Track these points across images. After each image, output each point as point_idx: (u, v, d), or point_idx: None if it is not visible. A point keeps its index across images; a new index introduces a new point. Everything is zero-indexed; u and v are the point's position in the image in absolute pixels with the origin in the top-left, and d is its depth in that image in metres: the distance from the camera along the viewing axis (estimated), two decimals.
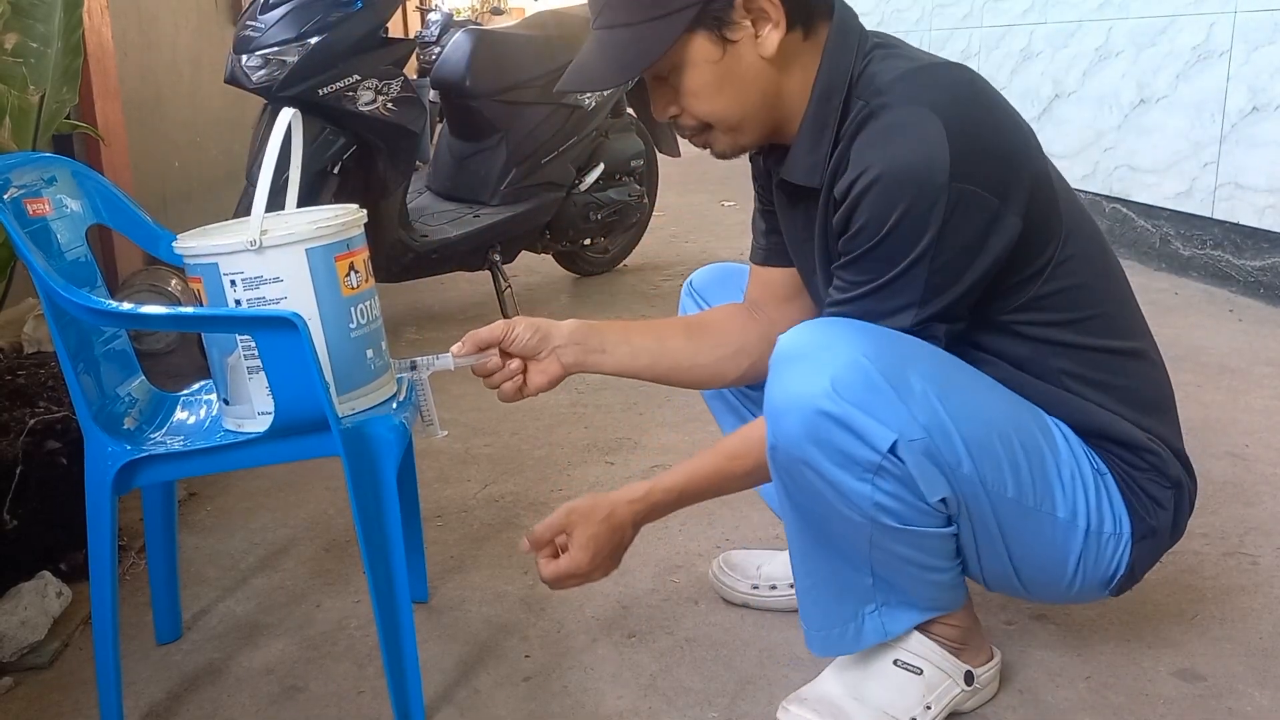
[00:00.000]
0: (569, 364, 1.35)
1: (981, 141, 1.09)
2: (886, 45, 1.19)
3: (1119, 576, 1.23)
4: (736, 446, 1.27)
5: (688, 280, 1.57)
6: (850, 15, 1.21)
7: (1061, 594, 1.26)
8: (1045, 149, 1.20)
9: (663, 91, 1.20)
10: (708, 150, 1.26)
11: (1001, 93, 1.18)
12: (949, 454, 1.10)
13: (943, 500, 1.13)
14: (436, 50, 6.24)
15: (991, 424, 1.15)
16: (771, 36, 1.14)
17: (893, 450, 1.08)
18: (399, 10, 5.51)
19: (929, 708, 1.27)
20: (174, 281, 3.07)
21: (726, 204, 5.45)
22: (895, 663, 1.28)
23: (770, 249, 1.41)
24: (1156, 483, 1.22)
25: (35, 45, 1.92)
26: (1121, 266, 1.30)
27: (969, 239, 1.08)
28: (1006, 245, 1.10)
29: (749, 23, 1.14)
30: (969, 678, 1.30)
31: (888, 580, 1.22)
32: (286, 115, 1.32)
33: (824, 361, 1.08)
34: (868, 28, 1.20)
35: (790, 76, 1.18)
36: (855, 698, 1.27)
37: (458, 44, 3.44)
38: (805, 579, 1.26)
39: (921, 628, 1.28)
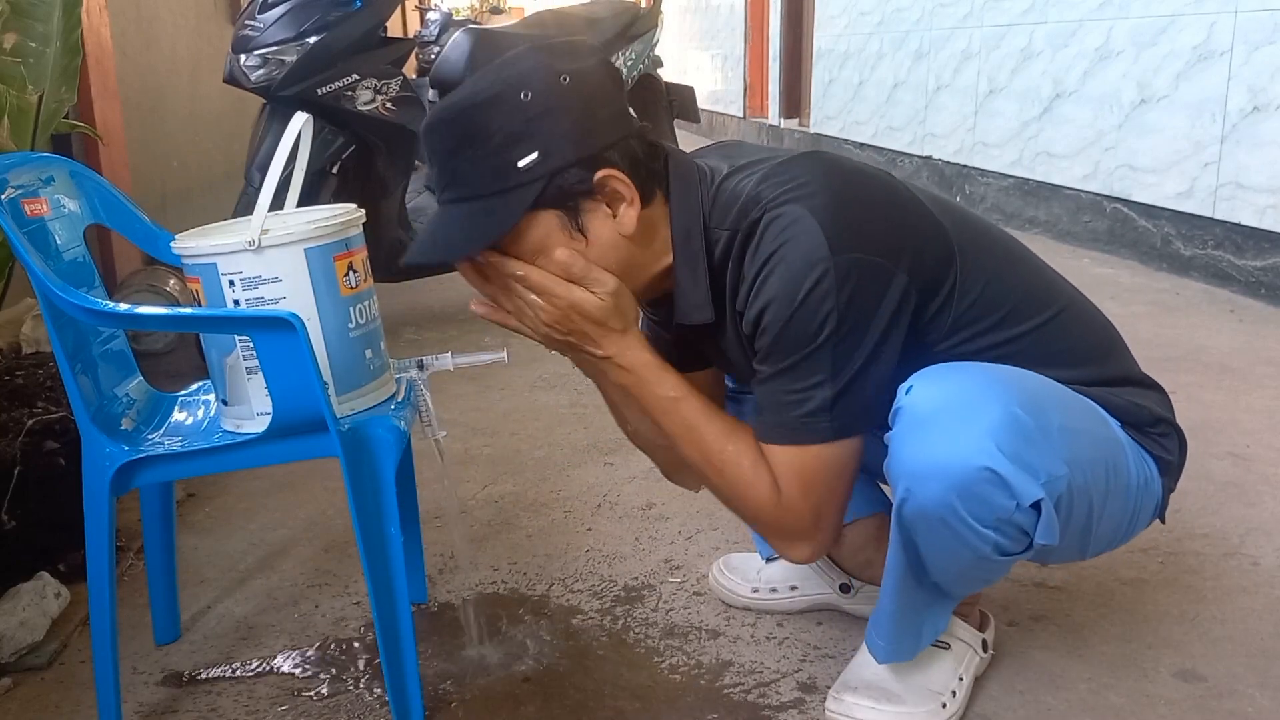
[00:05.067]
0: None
1: (849, 213, 1.12)
2: (723, 169, 1.21)
3: (1159, 508, 1.30)
4: (732, 452, 1.21)
5: None
6: (681, 156, 1.23)
7: (1115, 545, 1.31)
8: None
9: None
10: None
11: (869, 164, 1.19)
12: (1080, 480, 1.14)
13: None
14: (435, 50, 6.24)
15: (1094, 429, 1.20)
16: (629, 214, 1.15)
17: (1034, 505, 1.09)
18: (398, 9, 5.50)
19: (961, 679, 1.35)
20: (172, 281, 3.07)
21: None
22: None
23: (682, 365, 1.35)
24: (1151, 416, 1.27)
25: (34, 45, 1.91)
26: (1007, 236, 1.31)
27: (866, 299, 1.12)
28: (900, 297, 1.13)
29: (604, 205, 1.15)
30: (985, 645, 1.40)
31: (946, 587, 1.26)
32: (298, 122, 1.32)
33: (976, 419, 1.08)
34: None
35: (653, 242, 1.20)
36: (899, 679, 1.33)
37: (457, 43, 3.43)
38: (892, 602, 1.27)
39: None
